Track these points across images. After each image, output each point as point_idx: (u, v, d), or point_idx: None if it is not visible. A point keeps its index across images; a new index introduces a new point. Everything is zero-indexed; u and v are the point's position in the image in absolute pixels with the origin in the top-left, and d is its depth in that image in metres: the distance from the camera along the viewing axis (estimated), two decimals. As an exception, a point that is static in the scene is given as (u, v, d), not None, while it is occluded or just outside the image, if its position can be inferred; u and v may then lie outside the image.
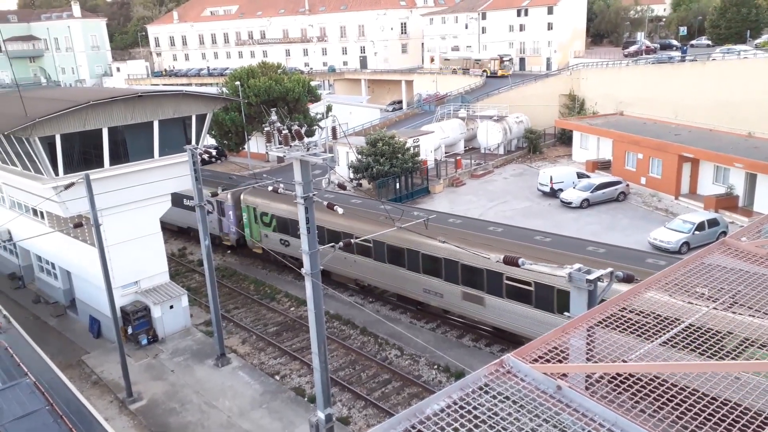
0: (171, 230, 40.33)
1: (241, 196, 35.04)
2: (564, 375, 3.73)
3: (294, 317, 28.68)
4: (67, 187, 22.05)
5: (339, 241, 18.26)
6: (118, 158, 24.57)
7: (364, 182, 45.98)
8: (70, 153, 23.20)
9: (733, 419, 3.45)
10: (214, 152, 61.63)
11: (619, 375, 3.89)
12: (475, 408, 3.40)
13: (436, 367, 23.70)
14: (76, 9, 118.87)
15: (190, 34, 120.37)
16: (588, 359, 4.53)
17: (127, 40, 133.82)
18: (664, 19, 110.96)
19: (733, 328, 4.52)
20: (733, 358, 4.06)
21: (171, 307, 27.03)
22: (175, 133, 25.86)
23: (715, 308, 4.95)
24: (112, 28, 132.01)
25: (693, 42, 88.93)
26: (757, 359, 4.26)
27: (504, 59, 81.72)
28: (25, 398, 15.63)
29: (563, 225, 36.83)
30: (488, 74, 78.75)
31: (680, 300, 5.03)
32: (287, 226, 32.20)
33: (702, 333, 4.51)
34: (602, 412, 3.33)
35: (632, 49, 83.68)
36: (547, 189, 43.94)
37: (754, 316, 4.57)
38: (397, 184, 44.37)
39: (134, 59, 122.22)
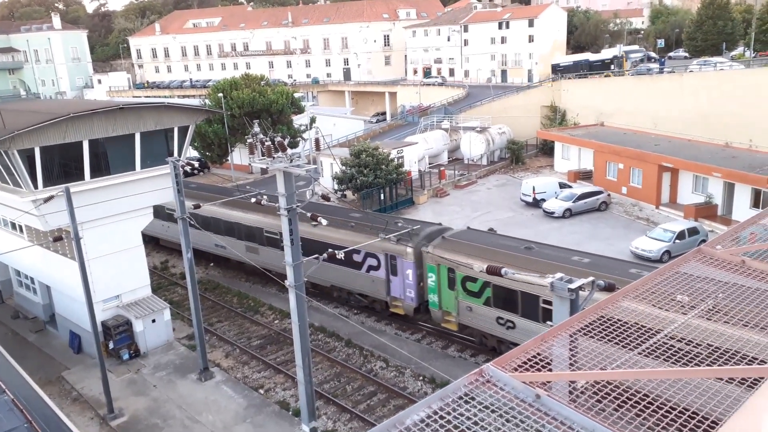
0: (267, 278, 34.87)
1: (427, 250, 25.71)
2: (543, 383, 3.77)
3: (278, 330, 28.49)
4: (47, 200, 21.78)
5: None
6: (99, 171, 24.33)
7: (349, 193, 46.02)
8: (49, 166, 22.94)
9: (707, 426, 3.50)
10: (196, 164, 61.41)
11: (598, 383, 3.93)
12: (454, 418, 3.42)
13: (421, 378, 23.65)
14: (57, 21, 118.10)
15: (173, 46, 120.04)
16: (568, 367, 4.58)
17: (108, 52, 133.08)
18: (642, 32, 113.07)
19: (707, 336, 4.60)
20: (708, 365, 4.12)
21: (153, 321, 26.72)
22: (157, 146, 25.71)
23: (693, 317, 5.02)
24: (93, 40, 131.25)
25: (671, 54, 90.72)
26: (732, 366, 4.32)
27: (632, 55, 69.40)
28: (2, 416, 15.32)
29: (546, 234, 37.11)
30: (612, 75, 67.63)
31: (658, 308, 5.10)
32: (514, 302, 22.61)
33: (678, 341, 4.58)
34: (581, 420, 3.36)
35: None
36: (529, 199, 44.30)
37: (728, 322, 4.66)
38: (382, 195, 44.46)
39: (116, 71, 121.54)
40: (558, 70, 74.46)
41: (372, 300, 28.70)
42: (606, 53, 72.56)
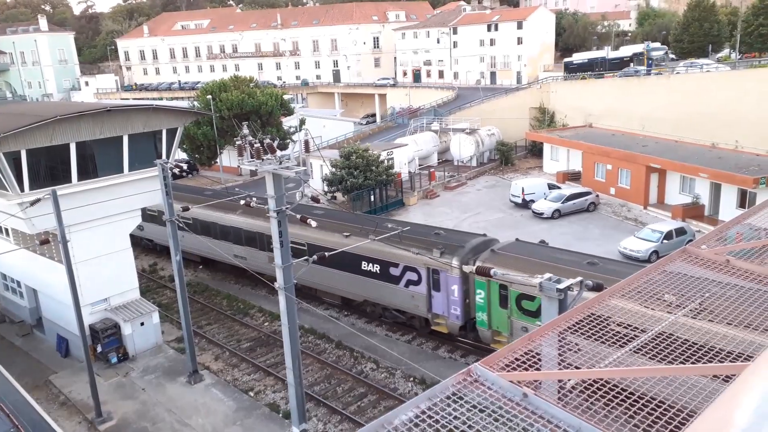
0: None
1: (476, 264, 23.65)
2: (531, 383, 3.79)
3: (268, 332, 28.39)
4: (33, 203, 21.59)
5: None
6: (86, 173, 24.15)
7: (339, 195, 45.98)
8: (36, 168, 22.73)
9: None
10: (185, 166, 61.19)
11: (584, 381, 3.96)
12: (442, 417, 3.44)
13: (412, 379, 23.66)
14: (43, 23, 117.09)
15: (161, 48, 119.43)
16: (556, 366, 4.61)
17: (95, 53, 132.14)
18: (630, 34, 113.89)
19: (693, 334, 4.65)
20: (694, 362, 4.16)
21: (142, 324, 26.54)
22: (145, 148, 25.55)
23: (679, 315, 5.07)
24: (81, 42, 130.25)
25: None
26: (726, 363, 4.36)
27: (654, 52, 64.19)
28: (-12, 421, 15.14)
29: (535, 236, 37.23)
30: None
31: (645, 307, 5.14)
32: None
33: (665, 338, 4.62)
34: (567, 418, 3.38)
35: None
36: (519, 200, 44.50)
37: (713, 321, 4.71)
38: (372, 197, 44.47)
39: (103, 73, 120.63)
40: (571, 68, 69.82)
41: (410, 316, 26.86)
42: (625, 50, 67.48)
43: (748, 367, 1.39)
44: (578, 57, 72.12)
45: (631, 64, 63.78)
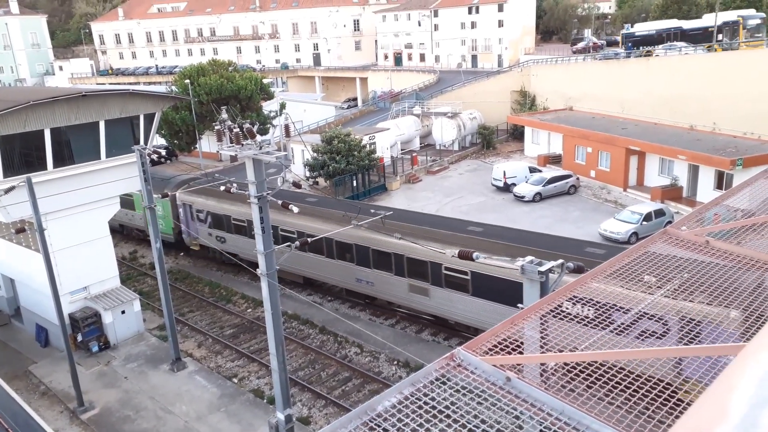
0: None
1: None
2: (514, 366, 3.79)
3: (251, 319, 28.29)
4: (8, 191, 21.14)
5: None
6: (62, 160, 23.69)
7: (321, 180, 45.76)
8: (10, 155, 22.25)
9: (677, 400, 3.56)
10: (163, 152, 60.24)
11: (567, 364, 3.98)
12: (425, 403, 3.42)
13: (395, 362, 23.78)
14: (14, 5, 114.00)
15: (137, 31, 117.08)
16: (539, 349, 4.62)
17: (69, 37, 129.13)
18: (609, 17, 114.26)
19: (675, 314, 4.70)
20: (675, 342, 4.20)
21: (123, 312, 26.28)
22: (122, 134, 25.12)
23: (660, 296, 5.11)
24: (54, 25, 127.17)
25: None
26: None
27: (750, 21, 50.27)
28: (-34, 413, 14.93)
29: (517, 219, 37.52)
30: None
31: (627, 288, 5.17)
32: None
33: (647, 319, 4.66)
34: (550, 401, 3.39)
35: (580, 45, 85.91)
36: (500, 184, 44.69)
37: (693, 301, 4.75)
38: (354, 182, 44.32)
39: (78, 57, 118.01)
40: (632, 42, 59.16)
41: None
42: (710, 18, 53.92)
43: (742, 351, 1.36)
44: (642, 28, 59.71)
45: (720, 36, 50.72)
